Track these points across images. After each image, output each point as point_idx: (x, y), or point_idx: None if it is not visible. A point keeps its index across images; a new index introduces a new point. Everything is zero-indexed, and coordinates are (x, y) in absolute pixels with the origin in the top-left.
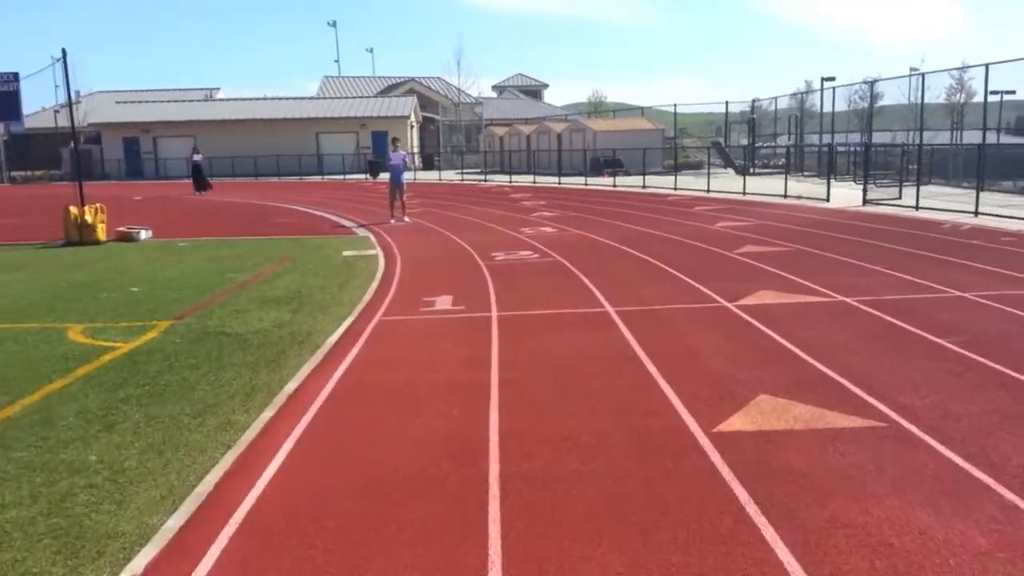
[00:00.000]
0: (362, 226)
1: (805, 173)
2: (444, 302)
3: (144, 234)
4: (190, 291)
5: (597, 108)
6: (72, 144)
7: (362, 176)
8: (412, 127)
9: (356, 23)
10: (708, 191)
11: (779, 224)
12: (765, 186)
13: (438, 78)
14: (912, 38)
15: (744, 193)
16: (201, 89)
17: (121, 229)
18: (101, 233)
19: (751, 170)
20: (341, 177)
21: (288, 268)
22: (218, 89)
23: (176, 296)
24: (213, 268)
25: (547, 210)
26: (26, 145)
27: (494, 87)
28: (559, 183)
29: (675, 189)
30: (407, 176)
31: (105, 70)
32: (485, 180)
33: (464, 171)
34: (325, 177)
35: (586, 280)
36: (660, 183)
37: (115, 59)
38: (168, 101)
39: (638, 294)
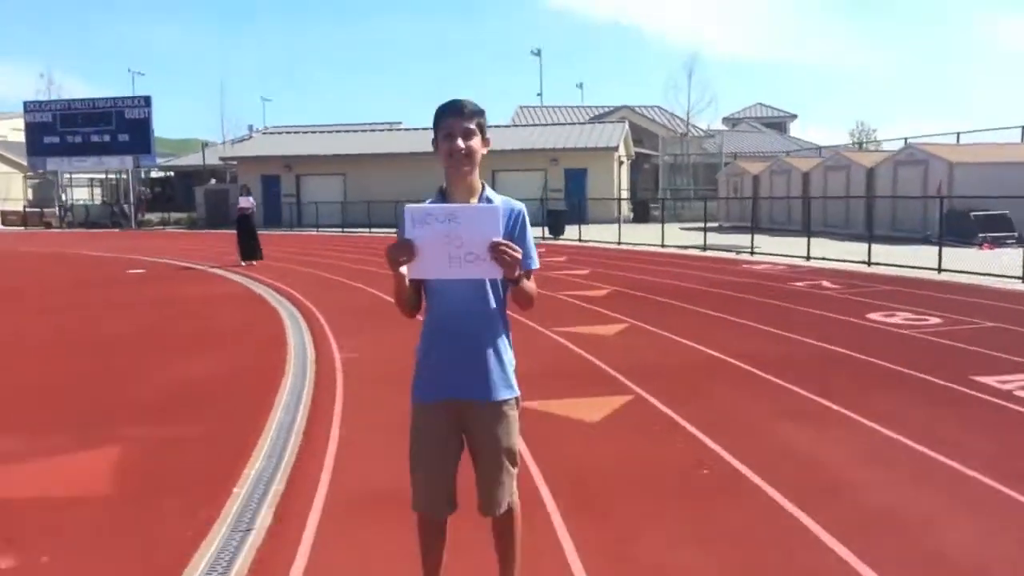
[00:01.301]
0: None
1: None
2: None
3: None
4: None
5: (861, 147)
6: (212, 180)
7: (539, 232)
8: (621, 163)
9: (566, 62)
10: None
11: None
12: None
13: (657, 107)
14: None
15: None
16: (383, 123)
17: None
18: None
19: None
20: None
21: None
22: (399, 123)
23: None
24: None
25: None
26: (180, 185)
27: (726, 119)
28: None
29: None
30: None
31: (303, 108)
32: (752, 252)
33: (694, 225)
34: None
35: None
36: None
37: (311, 97)
38: (319, 132)
39: None
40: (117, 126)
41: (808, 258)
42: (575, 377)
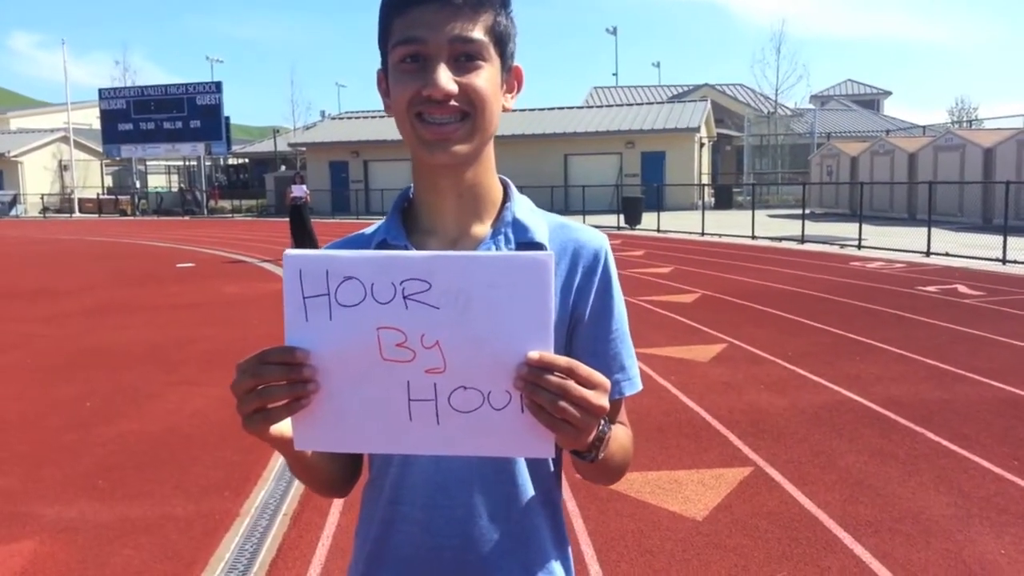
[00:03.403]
0: None
1: None
2: None
3: None
4: None
5: (971, 125)
6: (283, 167)
7: (614, 220)
8: (702, 145)
9: (642, 41)
10: None
11: None
12: None
13: (740, 85)
14: None
15: None
16: None
17: None
18: None
19: None
20: (581, 223)
21: None
22: None
23: None
24: None
25: None
26: (254, 172)
27: (814, 97)
28: None
29: None
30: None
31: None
32: (859, 246)
33: (782, 212)
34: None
35: None
36: None
37: None
38: (388, 117)
39: None
40: (189, 112)
41: (928, 253)
42: (666, 432)
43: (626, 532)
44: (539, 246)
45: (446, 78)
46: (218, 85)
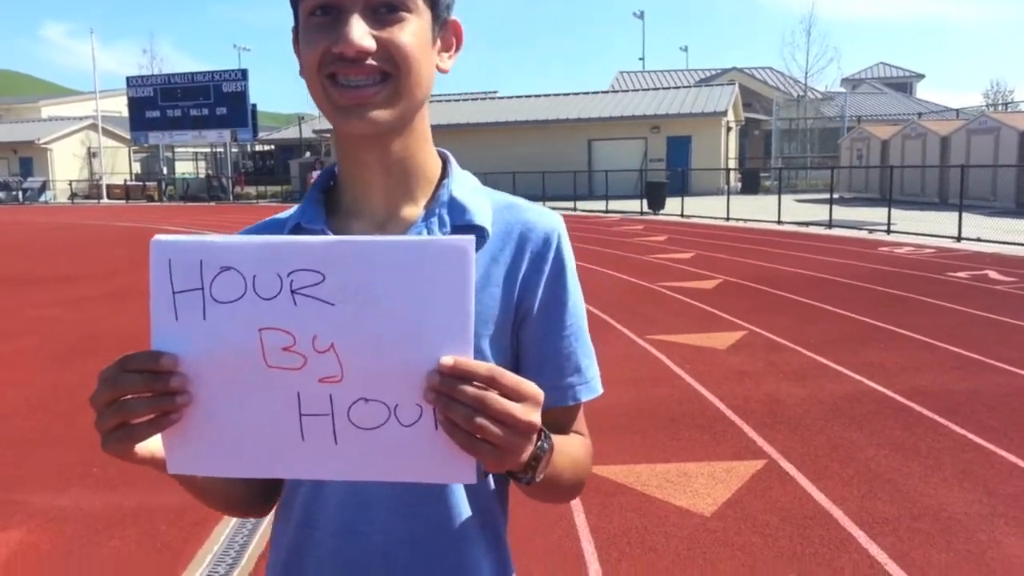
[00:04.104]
0: None
1: None
2: None
3: None
4: None
5: (1007, 108)
6: (307, 153)
7: (637, 205)
8: (729, 129)
9: (670, 25)
10: None
11: None
12: None
13: (770, 68)
14: None
15: None
16: (478, 92)
17: None
18: None
19: None
20: (604, 208)
21: None
22: (495, 92)
23: None
24: None
25: None
26: (279, 158)
27: (845, 81)
28: None
29: None
30: None
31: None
32: (888, 230)
33: (810, 197)
34: (578, 208)
35: None
36: None
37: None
38: None
39: None
40: (215, 99)
41: (959, 239)
42: (678, 423)
43: (629, 528)
44: (478, 229)
45: (360, 32)
46: (244, 72)
